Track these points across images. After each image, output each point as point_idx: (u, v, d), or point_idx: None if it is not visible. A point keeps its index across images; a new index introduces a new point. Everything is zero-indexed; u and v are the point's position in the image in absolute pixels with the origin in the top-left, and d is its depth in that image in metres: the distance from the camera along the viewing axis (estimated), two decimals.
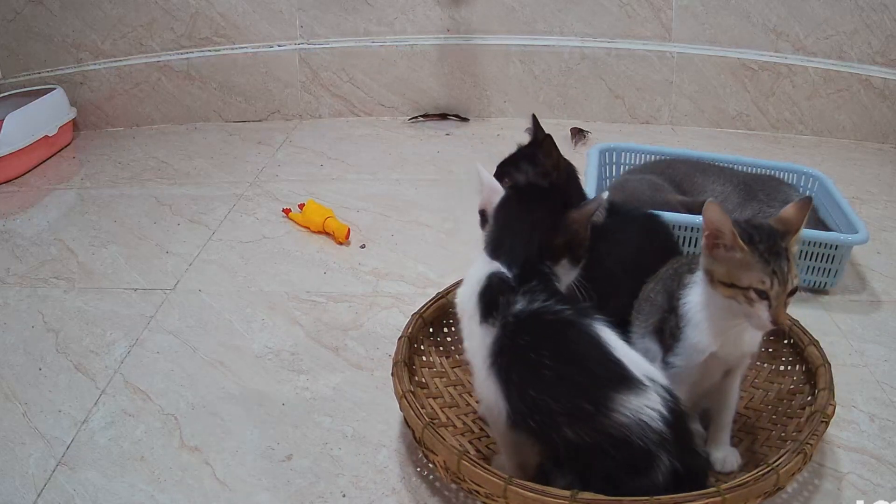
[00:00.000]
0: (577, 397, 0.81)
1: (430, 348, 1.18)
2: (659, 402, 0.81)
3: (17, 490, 1.02)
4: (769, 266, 0.85)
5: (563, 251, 0.92)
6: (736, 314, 0.88)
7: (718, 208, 0.87)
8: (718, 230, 0.87)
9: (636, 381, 0.81)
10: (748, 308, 0.86)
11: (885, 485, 1.01)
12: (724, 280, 0.87)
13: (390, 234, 1.67)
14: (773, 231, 0.88)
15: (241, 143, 2.20)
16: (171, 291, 1.47)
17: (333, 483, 1.02)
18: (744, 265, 0.86)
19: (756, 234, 0.87)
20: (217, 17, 2.24)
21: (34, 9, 2.20)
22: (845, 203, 1.51)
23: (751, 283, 0.85)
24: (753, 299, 0.86)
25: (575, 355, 0.84)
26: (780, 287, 0.85)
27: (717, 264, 0.88)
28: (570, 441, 0.82)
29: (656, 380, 0.83)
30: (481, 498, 0.91)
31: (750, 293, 0.86)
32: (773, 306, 0.85)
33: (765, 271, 0.85)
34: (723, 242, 0.88)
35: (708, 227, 0.88)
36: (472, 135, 2.22)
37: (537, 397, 0.83)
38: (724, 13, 2.15)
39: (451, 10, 2.23)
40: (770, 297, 0.85)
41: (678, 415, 0.83)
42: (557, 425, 0.82)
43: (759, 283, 0.85)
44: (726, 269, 0.87)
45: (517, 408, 0.85)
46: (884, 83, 2.11)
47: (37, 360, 1.28)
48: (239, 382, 1.22)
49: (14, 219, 1.78)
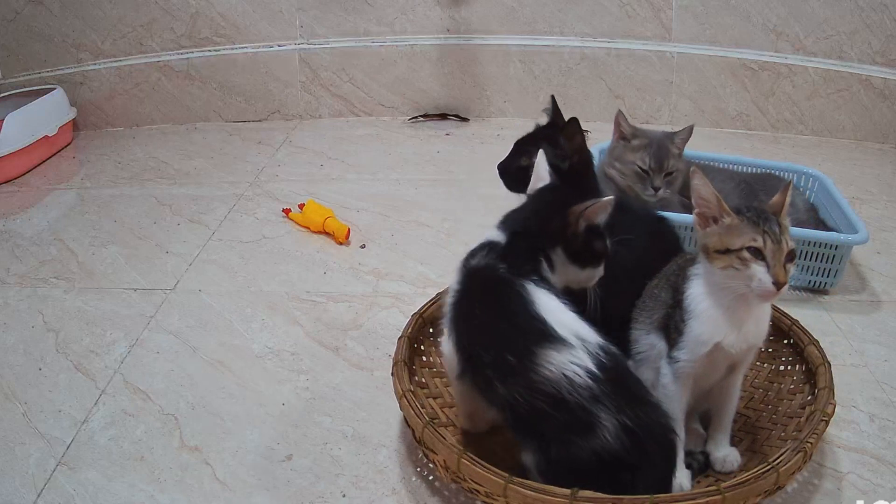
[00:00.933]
0: (502, 349, 0.86)
1: (430, 348, 1.18)
2: (587, 359, 0.83)
3: (17, 490, 1.02)
4: (759, 227, 0.87)
5: (557, 238, 0.94)
6: (736, 285, 0.88)
7: (701, 175, 0.91)
8: (705, 199, 0.91)
9: (558, 338, 0.84)
10: (746, 271, 0.87)
11: (885, 485, 1.01)
12: (719, 247, 0.89)
13: (390, 234, 1.67)
14: (762, 207, 0.92)
15: (241, 143, 2.20)
16: (171, 291, 1.47)
17: (333, 483, 1.02)
18: (734, 229, 0.89)
19: (744, 207, 0.91)
20: (217, 17, 2.24)
21: (34, 9, 2.20)
22: (845, 203, 1.51)
23: (743, 243, 0.87)
24: (748, 259, 0.87)
25: (502, 310, 0.88)
26: (774, 245, 0.87)
27: (711, 236, 0.91)
28: (505, 399, 0.85)
29: (588, 339, 0.85)
30: (481, 497, 0.91)
31: (744, 253, 0.87)
32: (771, 265, 0.86)
33: (756, 231, 0.87)
34: (711, 214, 0.91)
35: (695, 198, 0.92)
36: (472, 135, 2.22)
37: (470, 347, 0.89)
38: (724, 13, 2.15)
39: (451, 10, 2.23)
40: (766, 255, 0.86)
41: (615, 371, 0.84)
42: (490, 380, 0.87)
43: (752, 240, 0.87)
44: (719, 237, 0.90)
45: (460, 357, 0.91)
46: (884, 83, 2.11)
47: (37, 360, 1.28)
48: (239, 382, 1.22)
49: (14, 219, 1.78)
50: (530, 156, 1.11)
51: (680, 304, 0.93)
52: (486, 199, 1.78)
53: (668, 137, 1.50)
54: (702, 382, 0.96)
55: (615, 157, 1.50)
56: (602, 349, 0.85)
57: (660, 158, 1.46)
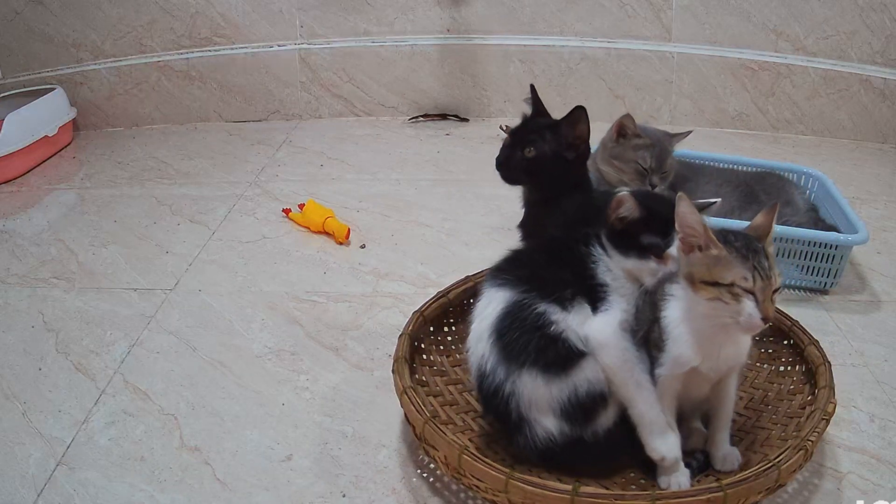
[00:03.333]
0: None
1: (430, 347, 1.18)
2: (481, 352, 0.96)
3: (17, 490, 1.01)
4: (749, 262, 0.85)
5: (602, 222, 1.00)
6: (722, 316, 0.86)
7: (688, 203, 0.87)
8: (691, 227, 0.87)
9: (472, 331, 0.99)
10: (735, 306, 0.84)
11: (885, 485, 1.01)
12: (707, 279, 0.86)
13: (390, 234, 1.67)
14: (748, 234, 0.88)
15: (241, 143, 2.20)
16: (171, 291, 1.47)
17: (333, 483, 1.02)
18: (723, 262, 0.85)
19: (731, 236, 0.88)
20: (217, 17, 2.24)
21: (34, 9, 2.20)
22: (845, 203, 1.51)
23: (734, 279, 0.84)
24: (739, 294, 0.84)
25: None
26: (763, 282, 0.84)
27: (697, 265, 0.87)
28: None
29: (483, 339, 0.95)
30: (482, 493, 0.91)
31: (734, 289, 0.84)
32: (761, 301, 0.84)
33: (745, 266, 0.84)
34: (697, 242, 0.87)
35: (680, 225, 0.88)
36: (472, 135, 2.22)
37: None
38: (724, 13, 2.16)
39: (451, 10, 2.23)
40: (755, 292, 0.84)
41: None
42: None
43: (742, 279, 0.84)
44: (706, 268, 0.86)
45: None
46: (884, 83, 2.12)
47: (37, 360, 1.28)
48: (239, 382, 1.22)
49: (14, 219, 1.78)
50: (534, 145, 1.10)
51: (659, 321, 0.92)
52: (486, 199, 1.78)
53: (667, 139, 1.53)
54: (691, 392, 0.96)
55: (613, 155, 1.52)
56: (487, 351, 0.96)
57: (661, 160, 1.50)
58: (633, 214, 0.96)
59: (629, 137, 1.51)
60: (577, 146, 1.11)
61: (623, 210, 0.96)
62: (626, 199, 0.96)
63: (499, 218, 1.69)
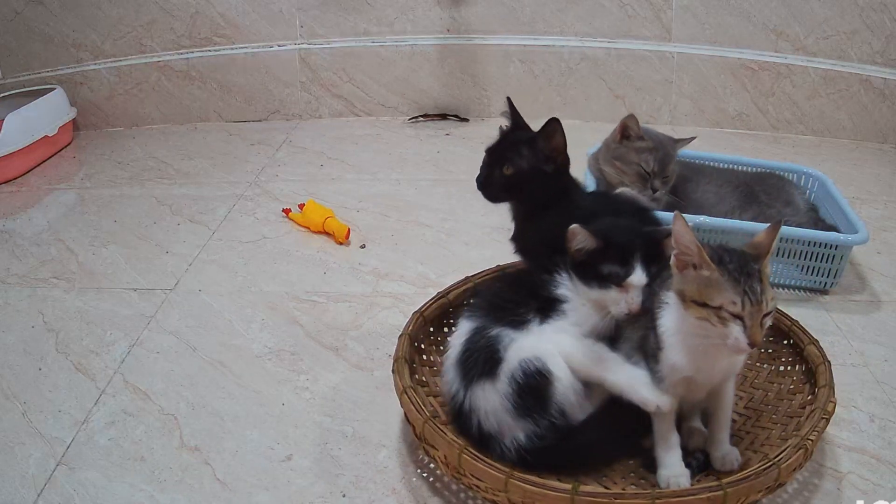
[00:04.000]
0: None
1: (430, 347, 1.18)
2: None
3: (17, 490, 1.01)
4: (740, 286, 0.83)
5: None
6: (710, 336, 0.86)
7: (683, 221, 0.86)
8: (686, 246, 0.86)
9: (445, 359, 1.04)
10: (722, 329, 0.84)
11: (885, 485, 1.01)
12: (696, 298, 0.85)
13: (390, 234, 1.67)
14: (744, 254, 0.87)
15: (241, 143, 2.20)
16: (171, 291, 1.47)
17: (333, 483, 1.02)
18: (714, 284, 0.84)
19: (726, 255, 0.87)
20: (217, 17, 2.24)
21: (34, 9, 2.20)
22: (845, 203, 1.51)
23: (722, 303, 0.83)
24: (726, 318, 0.83)
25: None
26: (752, 307, 0.83)
27: (689, 284, 0.87)
28: None
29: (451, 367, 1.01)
30: (482, 493, 0.91)
31: (722, 313, 0.84)
32: (748, 326, 0.83)
33: (736, 290, 0.83)
34: (691, 261, 0.86)
35: (675, 243, 0.87)
36: (472, 135, 2.22)
37: None
38: (724, 13, 2.15)
39: (451, 10, 2.23)
40: (743, 317, 0.83)
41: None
42: None
43: (731, 303, 0.83)
44: (697, 288, 0.85)
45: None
46: (884, 83, 2.11)
47: (37, 360, 1.28)
48: (239, 382, 1.22)
49: (14, 219, 1.78)
50: (511, 163, 1.10)
51: (654, 329, 0.92)
52: (485, 199, 1.78)
53: (671, 144, 1.53)
54: (688, 396, 0.96)
55: (616, 156, 1.52)
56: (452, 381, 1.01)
57: (664, 164, 1.50)
58: (589, 245, 0.97)
59: (632, 139, 1.51)
60: (555, 158, 1.10)
61: (576, 243, 0.97)
62: (578, 232, 0.97)
63: (499, 218, 1.68)
